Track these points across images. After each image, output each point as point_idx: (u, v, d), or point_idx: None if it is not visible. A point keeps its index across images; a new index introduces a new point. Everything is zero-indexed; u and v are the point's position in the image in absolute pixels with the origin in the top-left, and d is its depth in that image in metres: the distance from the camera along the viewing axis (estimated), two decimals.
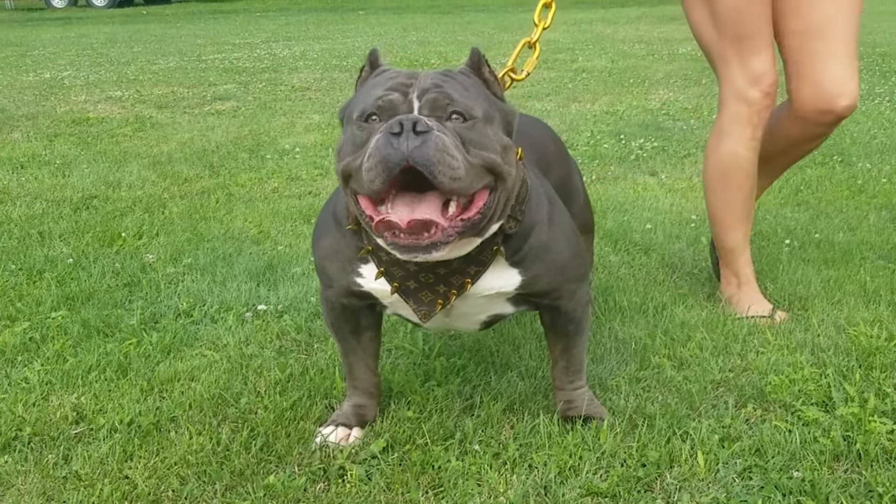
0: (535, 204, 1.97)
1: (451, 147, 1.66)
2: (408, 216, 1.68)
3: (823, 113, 2.68)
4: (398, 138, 1.63)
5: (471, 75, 1.85)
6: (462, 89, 1.77)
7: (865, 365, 2.42)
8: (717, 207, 2.90)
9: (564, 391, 2.21)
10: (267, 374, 2.48)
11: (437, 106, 1.73)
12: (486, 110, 1.78)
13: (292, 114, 7.05)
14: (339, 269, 2.00)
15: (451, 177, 1.65)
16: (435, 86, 1.75)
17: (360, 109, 1.77)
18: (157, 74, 9.66)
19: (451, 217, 1.72)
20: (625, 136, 5.76)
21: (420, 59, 10.46)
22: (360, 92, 1.86)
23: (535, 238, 1.96)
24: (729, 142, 2.79)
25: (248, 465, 2.03)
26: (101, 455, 2.08)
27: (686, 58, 9.96)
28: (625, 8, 19.75)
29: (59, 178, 4.95)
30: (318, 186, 4.69)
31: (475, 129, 1.74)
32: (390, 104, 1.73)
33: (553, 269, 2.00)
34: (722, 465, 1.98)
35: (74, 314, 2.93)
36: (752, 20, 2.66)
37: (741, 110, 2.75)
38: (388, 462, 2.03)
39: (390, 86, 1.77)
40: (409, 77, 1.79)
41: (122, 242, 3.72)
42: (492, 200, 1.77)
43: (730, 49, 2.71)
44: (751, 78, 2.71)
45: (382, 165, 1.64)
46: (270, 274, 3.31)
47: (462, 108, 1.73)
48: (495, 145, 1.76)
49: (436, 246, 1.70)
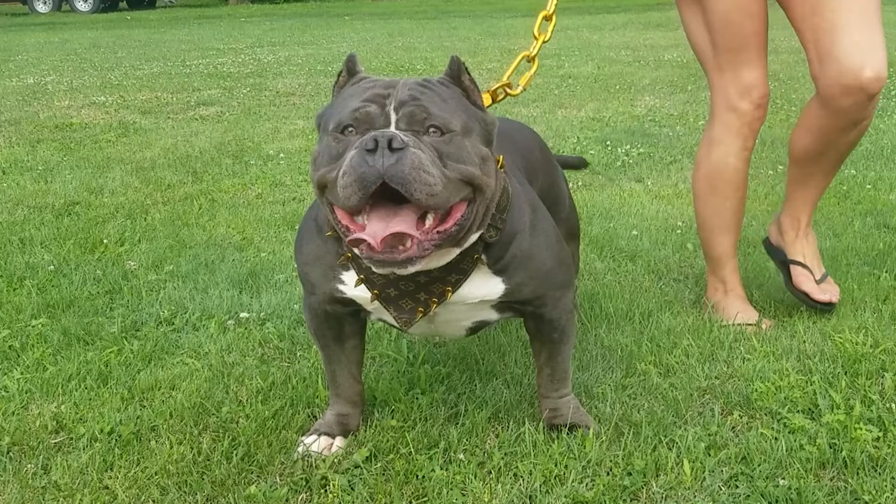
0: (517, 212, 1.95)
1: (427, 163, 1.64)
2: (382, 232, 1.66)
3: (849, 90, 2.46)
4: (373, 155, 1.62)
5: (450, 85, 1.82)
6: (440, 101, 1.76)
7: (851, 372, 2.41)
8: (705, 215, 2.89)
9: (550, 399, 2.19)
10: (249, 382, 2.46)
11: (414, 119, 1.71)
12: (464, 122, 1.76)
13: (277, 119, 7.02)
14: (322, 275, 1.99)
15: (428, 193, 1.64)
16: (412, 98, 1.73)
17: (336, 120, 1.75)
18: (140, 80, 9.62)
19: (428, 230, 1.72)
20: (611, 143, 5.75)
21: (406, 64, 10.45)
22: (336, 100, 1.84)
23: (517, 246, 1.94)
24: (719, 151, 2.78)
25: (229, 476, 2.00)
26: (80, 465, 2.05)
27: (672, 64, 9.98)
28: (611, 14, 19.80)
29: (42, 183, 4.91)
30: (303, 192, 4.66)
31: (453, 142, 1.72)
32: (367, 116, 1.72)
33: (537, 276, 1.98)
34: (708, 473, 1.97)
35: (55, 322, 2.90)
36: (744, 34, 2.64)
37: (732, 120, 2.74)
38: (372, 472, 2.01)
39: (367, 97, 1.75)
40: (387, 87, 1.77)
41: (104, 249, 3.69)
42: (470, 212, 1.77)
43: (722, 59, 2.69)
44: (742, 89, 2.70)
45: (358, 184, 1.63)
46: (253, 281, 3.28)
47: (439, 122, 1.72)
48: (473, 158, 1.75)
49: (411, 260, 1.69)
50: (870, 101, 2.49)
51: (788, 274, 2.89)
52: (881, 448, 2.03)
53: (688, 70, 9.33)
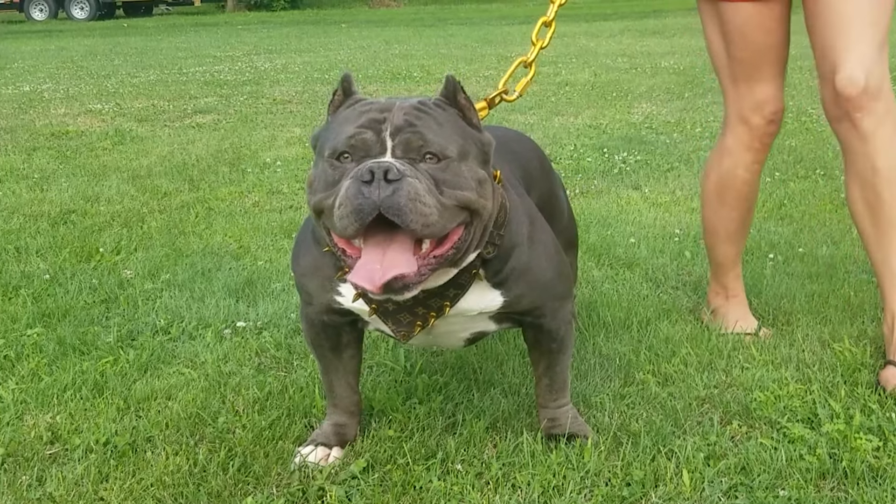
0: (516, 225, 1.95)
1: (423, 193, 1.64)
2: (379, 276, 1.67)
3: (837, 102, 2.42)
4: (369, 186, 1.62)
5: (446, 107, 1.80)
6: (436, 125, 1.74)
7: (850, 381, 2.40)
8: (711, 222, 2.87)
9: (548, 409, 2.18)
10: (245, 392, 2.44)
11: (410, 147, 1.70)
12: (460, 147, 1.75)
13: (273, 127, 7.01)
14: (319, 286, 1.98)
15: (424, 223, 1.64)
16: (408, 124, 1.72)
17: (332, 146, 1.74)
18: (137, 87, 9.61)
19: (424, 254, 1.72)
20: (608, 150, 5.75)
21: (403, 71, 10.45)
22: (332, 124, 1.82)
23: (515, 259, 1.94)
24: (729, 162, 2.75)
25: (225, 487, 1.99)
26: (75, 476, 2.04)
27: (668, 71, 10.00)
28: (607, 21, 19.83)
29: (37, 192, 4.89)
30: (300, 200, 4.65)
31: (449, 168, 1.71)
32: (363, 143, 1.71)
33: (536, 288, 1.98)
34: (707, 483, 1.96)
35: (50, 331, 2.89)
36: (759, 48, 2.59)
37: (744, 133, 2.69)
38: (369, 482, 2.00)
39: (363, 122, 1.74)
40: (382, 110, 1.75)
41: (100, 258, 3.67)
42: (467, 235, 1.77)
43: (737, 70, 2.65)
44: (755, 103, 2.65)
45: (355, 215, 1.63)
46: (250, 290, 3.27)
47: (436, 149, 1.71)
48: (470, 182, 1.74)
49: (408, 287, 1.70)
50: (859, 114, 2.40)
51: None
52: (881, 458, 2.02)
53: (684, 77, 9.35)
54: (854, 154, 2.47)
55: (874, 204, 2.47)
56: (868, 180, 2.46)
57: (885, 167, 2.43)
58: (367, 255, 1.69)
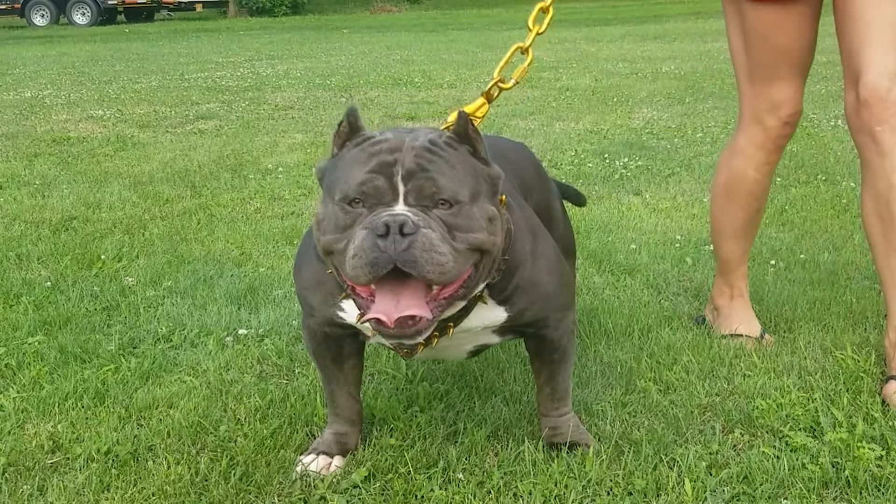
0: (520, 244, 1.94)
1: (437, 243, 1.64)
2: (394, 311, 1.67)
3: (859, 112, 2.41)
4: (385, 240, 1.62)
5: (457, 146, 1.77)
6: (448, 168, 1.72)
7: (853, 389, 2.40)
8: (719, 220, 2.87)
9: (549, 417, 2.18)
10: (247, 400, 2.44)
11: (422, 194, 1.69)
12: (472, 189, 1.74)
13: (275, 133, 7.01)
14: (322, 300, 1.97)
15: (439, 272, 1.64)
16: (420, 168, 1.70)
17: (342, 191, 1.72)
18: (139, 93, 9.62)
19: (435, 296, 1.72)
20: (609, 156, 5.75)
21: (404, 77, 10.45)
22: (339, 163, 1.78)
23: (519, 276, 1.94)
24: (740, 160, 2.74)
25: (227, 496, 1.99)
26: (77, 486, 2.04)
27: (669, 76, 9.99)
28: (608, 26, 19.84)
29: (39, 198, 4.89)
30: (301, 206, 4.65)
31: (461, 213, 1.71)
32: (375, 191, 1.69)
33: (539, 301, 1.98)
34: (710, 493, 1.95)
35: (52, 339, 2.88)
36: (779, 52, 2.57)
37: (757, 133, 2.68)
38: (370, 491, 2.00)
39: (373, 166, 1.71)
40: (393, 151, 1.72)
41: (102, 265, 3.67)
42: (476, 272, 1.77)
43: (755, 70, 2.63)
44: (771, 104, 2.63)
45: (370, 267, 1.63)
46: (252, 297, 3.26)
47: (448, 195, 1.69)
48: (481, 223, 1.73)
49: (420, 332, 1.71)
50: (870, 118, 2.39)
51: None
52: (884, 467, 2.02)
53: (685, 82, 9.35)
54: (871, 167, 2.45)
55: (887, 219, 2.45)
56: (883, 195, 2.44)
57: None
58: (380, 300, 1.69)
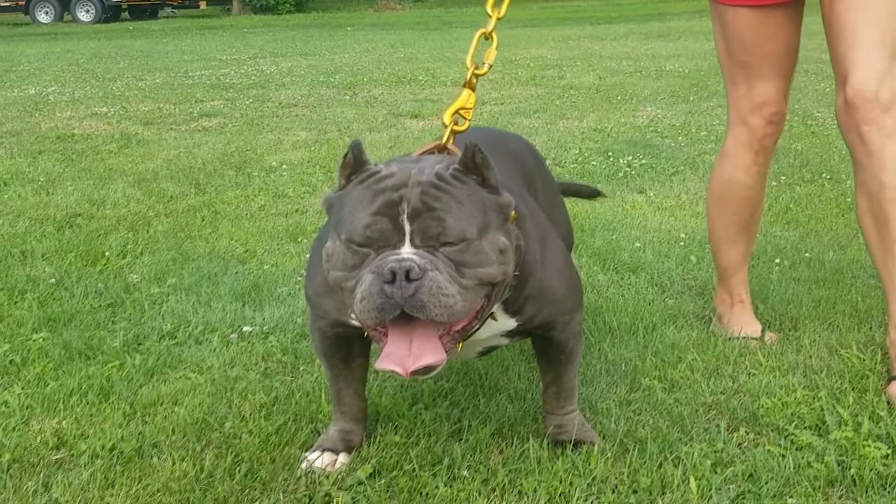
0: (530, 255, 1.91)
1: (445, 285, 1.64)
2: (407, 351, 1.68)
3: (847, 112, 2.42)
4: (391, 286, 1.62)
5: (465, 178, 1.75)
6: (455, 204, 1.70)
7: (859, 388, 2.40)
8: (714, 226, 2.88)
9: (555, 416, 2.18)
10: (252, 397, 2.44)
11: (428, 235, 1.68)
12: (481, 223, 1.72)
13: (279, 130, 7.01)
14: (334, 306, 1.96)
15: (448, 314, 1.65)
16: (426, 207, 1.68)
17: (348, 233, 1.71)
18: (143, 90, 9.62)
19: (448, 330, 1.72)
20: (613, 154, 5.74)
21: (408, 75, 10.45)
22: (346, 202, 1.76)
23: (530, 287, 1.93)
24: (729, 163, 2.76)
25: (231, 493, 1.99)
26: (81, 482, 2.04)
27: (673, 74, 9.98)
28: (612, 24, 19.81)
29: (43, 195, 4.90)
30: (306, 204, 4.65)
31: (469, 249, 1.69)
32: (381, 235, 1.68)
33: (548, 306, 1.99)
34: (715, 491, 1.95)
35: (56, 336, 2.89)
36: (758, 53, 2.60)
37: (742, 133, 2.70)
38: (375, 488, 2.00)
39: (378, 207, 1.69)
40: (398, 187, 1.70)
41: (106, 262, 3.67)
42: (488, 302, 1.77)
43: (736, 72, 2.66)
44: (754, 104, 2.65)
45: (377, 312, 1.65)
46: (256, 294, 3.26)
47: (455, 236, 1.68)
48: (491, 256, 1.72)
49: (433, 368, 1.71)
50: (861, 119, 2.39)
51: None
52: (890, 466, 2.02)
53: (689, 80, 9.33)
54: (862, 168, 2.45)
55: (880, 219, 2.45)
56: (875, 195, 2.44)
57: (891, 184, 2.40)
58: (394, 343, 1.70)
